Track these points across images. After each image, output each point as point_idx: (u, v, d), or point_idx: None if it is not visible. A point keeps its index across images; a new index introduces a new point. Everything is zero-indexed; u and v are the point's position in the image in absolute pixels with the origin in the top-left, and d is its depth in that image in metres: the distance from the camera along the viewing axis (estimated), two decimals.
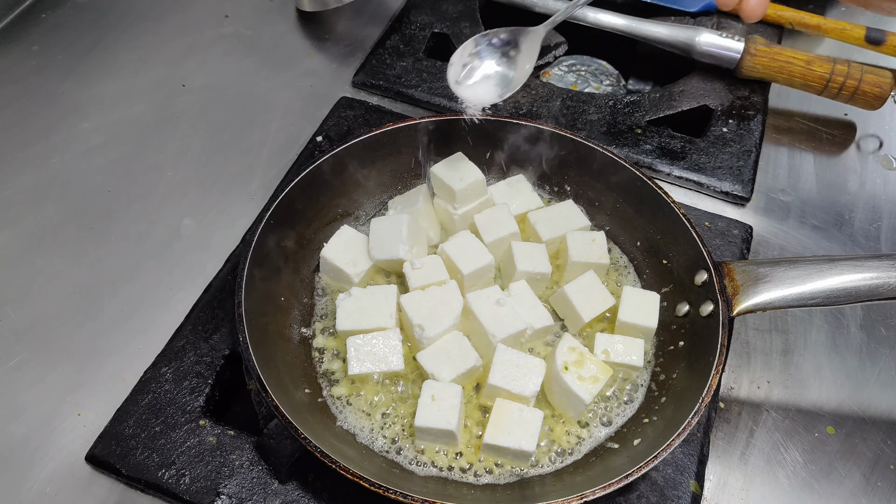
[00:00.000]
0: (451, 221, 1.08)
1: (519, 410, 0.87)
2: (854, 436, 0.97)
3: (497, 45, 0.84)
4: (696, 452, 0.92)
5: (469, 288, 0.99)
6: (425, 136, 1.09)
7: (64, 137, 1.25)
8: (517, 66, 0.84)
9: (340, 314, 0.95)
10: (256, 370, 0.83)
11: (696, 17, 1.43)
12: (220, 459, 0.89)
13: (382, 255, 1.00)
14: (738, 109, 1.30)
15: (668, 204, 1.00)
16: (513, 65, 0.84)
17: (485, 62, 0.85)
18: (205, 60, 1.39)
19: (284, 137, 1.26)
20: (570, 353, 0.91)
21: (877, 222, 1.20)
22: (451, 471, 0.88)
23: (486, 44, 0.84)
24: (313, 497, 0.87)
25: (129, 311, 1.04)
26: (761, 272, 0.91)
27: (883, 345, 1.05)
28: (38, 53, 1.38)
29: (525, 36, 0.82)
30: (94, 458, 0.89)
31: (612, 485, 0.77)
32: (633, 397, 0.95)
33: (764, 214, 1.20)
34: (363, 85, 1.34)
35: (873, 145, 1.31)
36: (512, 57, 0.84)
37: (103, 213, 1.15)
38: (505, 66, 0.84)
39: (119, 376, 0.97)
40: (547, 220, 1.06)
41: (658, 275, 1.04)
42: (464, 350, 0.92)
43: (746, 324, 1.07)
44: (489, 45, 0.84)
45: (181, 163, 1.23)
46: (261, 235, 0.95)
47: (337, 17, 1.48)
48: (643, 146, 1.23)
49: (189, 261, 1.10)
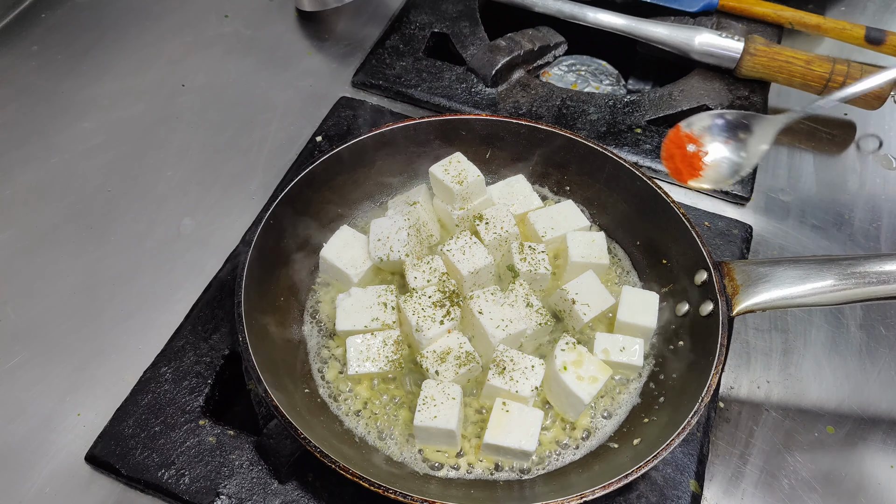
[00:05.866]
0: (450, 221, 1.08)
1: (519, 410, 0.87)
2: (854, 436, 0.97)
3: (728, 125, 0.81)
4: (695, 452, 0.92)
5: (469, 288, 0.99)
6: (425, 136, 1.09)
7: (64, 137, 1.25)
8: (748, 150, 0.81)
9: (340, 314, 0.95)
10: (256, 370, 0.83)
11: (696, 17, 1.43)
12: (219, 459, 0.89)
13: (382, 256, 1.00)
14: (737, 109, 1.29)
15: (668, 204, 1.00)
16: (744, 147, 0.81)
17: (715, 144, 0.81)
18: (205, 60, 1.39)
19: (284, 137, 1.26)
20: (570, 352, 0.91)
21: (876, 222, 1.20)
22: (451, 470, 0.88)
23: (716, 125, 0.81)
24: (313, 497, 0.87)
25: (129, 311, 1.04)
26: (761, 272, 0.91)
27: (883, 345, 1.05)
28: (38, 53, 1.38)
29: (759, 122, 0.79)
30: (93, 458, 0.89)
31: (612, 484, 0.77)
32: (633, 397, 0.95)
33: (764, 214, 1.20)
34: (363, 85, 1.34)
35: (873, 145, 1.31)
36: (742, 139, 0.81)
37: (103, 213, 1.15)
38: (736, 151, 0.81)
39: (119, 376, 0.97)
40: (547, 220, 1.06)
41: (658, 275, 1.04)
42: (463, 350, 0.92)
43: (746, 324, 1.07)
44: (720, 128, 0.81)
45: (181, 163, 1.23)
46: (261, 235, 0.95)
47: (337, 17, 1.48)
48: (643, 146, 1.23)
49: (189, 261, 1.10)
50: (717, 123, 0.78)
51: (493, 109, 1.28)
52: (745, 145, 0.78)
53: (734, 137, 0.78)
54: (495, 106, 1.28)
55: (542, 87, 1.32)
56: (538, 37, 1.34)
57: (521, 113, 1.27)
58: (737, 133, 0.78)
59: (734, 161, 0.78)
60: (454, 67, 1.34)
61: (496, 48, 1.30)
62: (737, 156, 0.78)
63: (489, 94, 1.30)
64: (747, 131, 0.78)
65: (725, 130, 0.79)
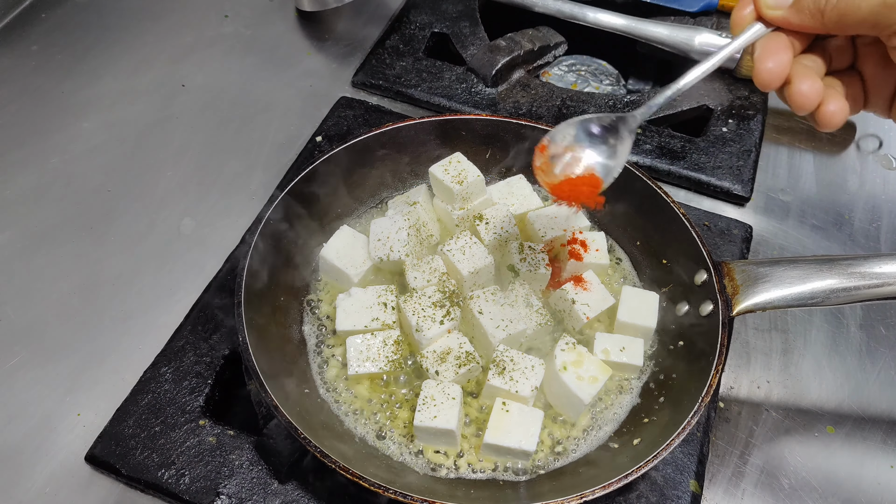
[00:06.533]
0: (450, 221, 1.08)
1: (519, 410, 0.87)
2: (854, 436, 0.97)
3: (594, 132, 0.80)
4: (695, 452, 0.92)
5: (469, 288, 0.99)
6: (425, 135, 1.09)
7: (64, 137, 1.25)
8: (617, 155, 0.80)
9: (340, 314, 0.96)
10: (256, 370, 0.83)
11: (696, 17, 1.43)
12: (219, 459, 0.89)
13: (382, 256, 1.00)
14: (737, 109, 1.29)
15: (667, 204, 1.00)
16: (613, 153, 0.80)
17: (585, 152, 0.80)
18: (205, 60, 1.39)
19: (284, 137, 1.26)
20: (570, 352, 0.91)
21: (876, 222, 1.20)
22: (451, 470, 0.88)
23: (581, 133, 0.80)
24: (313, 497, 0.87)
25: (129, 311, 1.04)
26: (761, 272, 0.91)
27: (883, 345, 1.05)
28: (38, 53, 1.38)
29: (623, 123, 0.78)
30: (93, 458, 0.89)
31: (612, 484, 0.77)
32: (633, 397, 0.95)
33: (764, 214, 1.20)
34: (363, 85, 1.34)
35: (873, 145, 1.31)
36: (612, 145, 0.80)
37: (103, 213, 1.15)
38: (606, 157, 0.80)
39: (119, 376, 0.97)
40: (547, 220, 1.06)
41: (658, 275, 1.04)
42: (463, 350, 0.92)
43: (746, 324, 1.07)
44: (586, 135, 0.80)
45: (181, 163, 1.23)
46: (261, 235, 0.95)
47: (337, 17, 1.48)
48: (643, 146, 1.23)
49: (189, 261, 1.10)
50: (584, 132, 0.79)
51: (493, 109, 1.28)
52: (614, 150, 0.79)
53: (605, 143, 0.79)
54: (495, 106, 1.28)
55: (542, 87, 1.32)
56: (538, 37, 1.34)
57: (521, 113, 1.27)
58: (607, 139, 0.79)
59: (608, 165, 0.79)
60: (454, 67, 1.34)
61: (496, 48, 1.31)
62: (608, 161, 0.79)
63: (489, 94, 1.30)
64: (615, 135, 0.78)
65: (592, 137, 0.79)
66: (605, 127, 0.80)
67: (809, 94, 0.67)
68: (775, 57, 0.67)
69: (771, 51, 0.68)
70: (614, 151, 0.79)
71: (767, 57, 0.68)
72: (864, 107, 0.73)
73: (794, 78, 0.68)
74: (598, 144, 0.80)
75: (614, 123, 0.79)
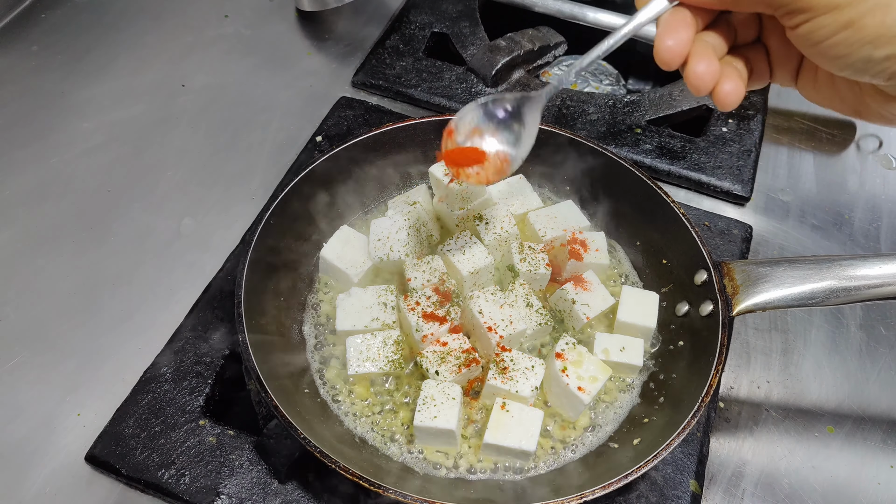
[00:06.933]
0: (450, 221, 1.08)
1: (519, 410, 0.87)
2: (854, 436, 0.97)
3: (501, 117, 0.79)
4: (695, 452, 0.92)
5: (469, 288, 0.99)
6: (425, 135, 1.09)
7: (64, 137, 1.25)
8: (521, 144, 0.79)
9: (340, 314, 0.96)
10: (256, 370, 0.83)
11: None
12: (220, 459, 0.89)
13: (382, 256, 1.00)
14: (737, 109, 1.29)
15: (667, 204, 1.00)
16: (518, 142, 0.79)
17: (490, 136, 0.80)
18: (205, 60, 1.39)
19: (284, 137, 1.26)
20: (570, 352, 0.91)
21: (876, 222, 1.20)
22: (451, 470, 0.88)
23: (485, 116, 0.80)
24: (313, 497, 0.87)
25: (129, 311, 1.04)
26: (761, 272, 0.91)
27: (883, 345, 1.05)
28: (38, 53, 1.38)
29: (528, 105, 0.77)
30: (93, 458, 0.89)
31: (612, 484, 0.77)
32: (633, 397, 0.95)
33: (764, 214, 1.20)
34: (363, 85, 1.34)
35: (873, 145, 1.31)
36: (515, 131, 0.79)
37: (103, 213, 1.15)
38: (508, 145, 0.80)
39: (119, 376, 0.97)
40: (547, 220, 1.06)
41: (658, 274, 1.04)
42: (463, 349, 0.92)
43: (746, 324, 1.07)
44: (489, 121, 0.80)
45: (181, 163, 1.23)
46: (261, 235, 0.95)
47: (337, 17, 1.48)
48: (643, 146, 1.23)
49: (189, 261, 1.10)
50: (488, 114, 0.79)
51: None
52: (519, 133, 0.79)
53: (508, 126, 0.79)
54: None
55: (542, 87, 1.31)
56: (538, 37, 1.34)
57: None
58: (510, 122, 0.79)
59: (512, 146, 0.79)
60: (454, 67, 1.34)
61: (496, 48, 1.31)
62: (513, 142, 0.79)
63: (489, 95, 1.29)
64: (518, 118, 0.78)
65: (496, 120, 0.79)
66: (509, 108, 0.79)
67: (705, 75, 0.66)
68: (676, 34, 0.65)
69: (671, 27, 0.66)
70: (519, 133, 0.79)
71: (668, 34, 0.66)
72: (770, 79, 0.73)
73: (692, 58, 0.66)
74: (502, 128, 0.80)
75: (519, 104, 0.79)
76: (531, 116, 0.79)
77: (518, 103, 0.79)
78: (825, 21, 0.59)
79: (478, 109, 0.81)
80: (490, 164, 0.80)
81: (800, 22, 0.61)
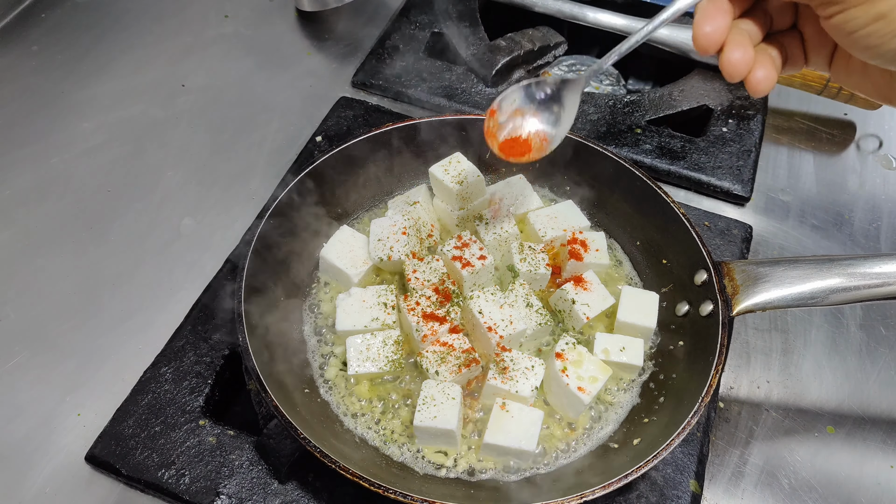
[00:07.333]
0: (450, 221, 1.08)
1: (519, 410, 0.87)
2: (854, 436, 0.97)
3: (541, 98, 0.83)
4: (695, 452, 0.92)
5: (469, 288, 0.99)
6: (425, 135, 1.09)
7: (64, 137, 1.25)
8: (560, 124, 0.83)
9: (340, 314, 0.96)
10: (256, 370, 0.83)
11: None
12: (219, 459, 0.89)
13: (382, 256, 1.00)
14: (737, 109, 1.30)
15: (667, 204, 1.00)
16: (557, 122, 0.83)
17: (530, 116, 0.83)
18: (205, 60, 1.39)
19: (284, 137, 1.26)
20: (570, 352, 0.91)
21: (876, 222, 1.20)
22: (451, 470, 0.88)
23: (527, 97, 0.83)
24: (313, 497, 0.87)
25: (129, 311, 1.04)
26: (761, 272, 0.91)
27: (883, 345, 1.05)
28: (38, 53, 1.38)
29: (568, 87, 0.81)
30: (93, 458, 0.89)
31: (612, 484, 0.77)
32: (633, 397, 0.95)
33: (764, 214, 1.20)
34: (363, 85, 1.34)
35: (873, 145, 1.31)
36: (555, 112, 0.83)
37: (103, 213, 1.15)
38: (548, 125, 0.83)
39: (119, 376, 0.97)
40: (547, 220, 1.06)
41: (658, 274, 1.04)
42: (463, 349, 0.92)
43: (746, 324, 1.07)
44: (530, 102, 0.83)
45: (181, 163, 1.23)
46: (261, 235, 0.95)
47: (337, 17, 1.48)
48: (643, 146, 1.23)
49: (189, 261, 1.10)
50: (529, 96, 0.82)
51: None
52: (558, 115, 0.82)
53: (548, 108, 0.82)
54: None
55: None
56: (538, 37, 1.34)
57: None
58: (550, 104, 0.82)
59: (552, 127, 0.82)
60: (454, 67, 1.34)
61: (496, 48, 1.31)
62: (553, 122, 0.82)
63: (489, 94, 1.30)
64: (558, 100, 0.81)
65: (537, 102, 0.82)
66: (550, 91, 0.82)
67: (739, 63, 0.68)
68: (713, 21, 0.67)
69: (709, 14, 0.68)
70: (558, 115, 0.83)
71: (705, 21, 0.68)
72: (805, 64, 0.74)
73: (728, 45, 0.68)
74: (542, 109, 0.83)
75: (559, 87, 0.82)
76: (571, 98, 0.82)
77: (558, 86, 0.82)
78: (857, 13, 0.61)
79: (520, 91, 0.83)
80: (531, 144, 0.84)
81: (833, 12, 0.63)
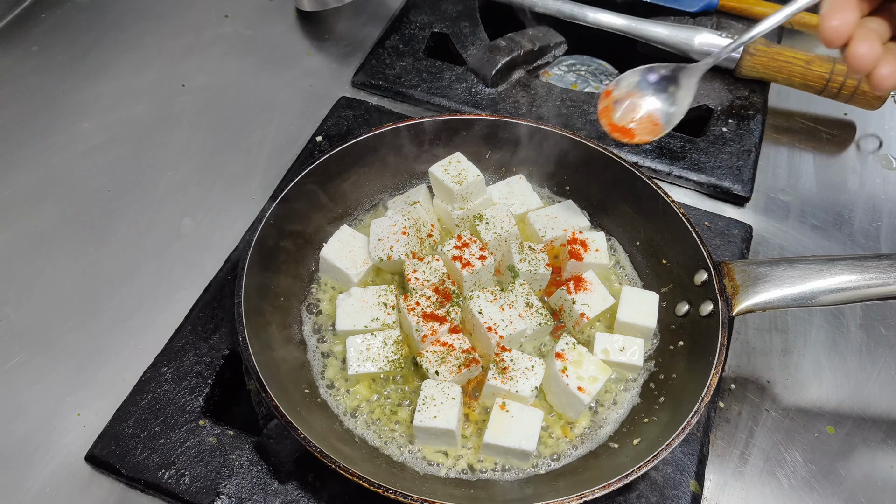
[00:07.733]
0: (450, 221, 1.08)
1: (519, 410, 0.87)
2: (854, 436, 0.97)
3: (657, 82, 0.85)
4: (695, 452, 0.92)
5: (469, 288, 0.99)
6: (425, 135, 1.09)
7: (64, 137, 1.25)
8: (675, 108, 0.84)
9: (340, 314, 0.96)
10: (256, 370, 0.83)
11: (696, 17, 1.43)
12: (219, 459, 0.89)
13: (382, 256, 1.00)
14: (737, 109, 1.29)
15: (667, 204, 1.00)
16: (672, 106, 0.85)
17: (646, 98, 0.85)
18: (205, 60, 1.39)
19: (284, 137, 1.26)
20: (570, 352, 0.91)
21: (876, 222, 1.20)
22: (451, 470, 0.88)
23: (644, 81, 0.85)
24: (313, 497, 0.87)
25: (129, 311, 1.04)
26: (761, 272, 0.91)
27: (883, 345, 1.05)
28: (38, 53, 1.38)
29: (685, 73, 0.83)
30: (93, 458, 0.89)
31: (612, 484, 0.77)
32: (633, 397, 0.95)
33: (764, 214, 1.20)
34: (363, 85, 1.34)
35: (873, 145, 1.31)
36: (671, 93, 0.85)
37: (103, 213, 1.15)
38: (666, 103, 0.85)
39: (119, 376, 0.97)
40: (547, 220, 1.06)
41: (658, 274, 1.04)
42: (463, 349, 0.92)
43: (746, 324, 1.07)
44: (648, 83, 0.85)
45: (181, 163, 1.23)
46: (261, 235, 0.95)
47: (337, 17, 1.48)
48: (643, 146, 1.23)
49: (189, 261, 1.10)
50: (647, 79, 0.83)
51: (493, 109, 1.28)
52: (674, 98, 0.82)
53: (664, 91, 0.83)
54: (495, 106, 1.28)
55: (542, 87, 1.32)
56: (538, 37, 1.35)
57: (521, 113, 1.27)
58: (666, 87, 0.83)
59: (667, 112, 0.83)
60: (454, 67, 1.34)
61: (496, 48, 1.31)
62: (668, 107, 0.83)
63: (489, 94, 1.30)
64: (675, 84, 0.82)
65: (654, 85, 0.83)
66: (666, 75, 0.84)
67: (866, 56, 0.67)
68: (841, 15, 0.67)
69: (838, 8, 0.68)
70: (674, 98, 0.84)
71: (833, 14, 0.68)
72: None
73: (855, 39, 0.68)
74: (658, 92, 0.85)
75: (675, 72, 0.83)
76: (687, 85, 0.83)
77: (675, 72, 0.83)
78: None
79: (637, 74, 0.85)
80: (643, 127, 0.86)
81: None
